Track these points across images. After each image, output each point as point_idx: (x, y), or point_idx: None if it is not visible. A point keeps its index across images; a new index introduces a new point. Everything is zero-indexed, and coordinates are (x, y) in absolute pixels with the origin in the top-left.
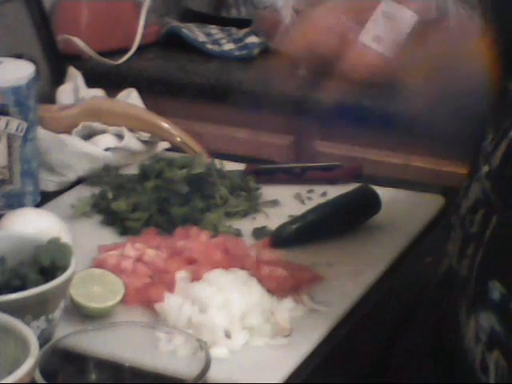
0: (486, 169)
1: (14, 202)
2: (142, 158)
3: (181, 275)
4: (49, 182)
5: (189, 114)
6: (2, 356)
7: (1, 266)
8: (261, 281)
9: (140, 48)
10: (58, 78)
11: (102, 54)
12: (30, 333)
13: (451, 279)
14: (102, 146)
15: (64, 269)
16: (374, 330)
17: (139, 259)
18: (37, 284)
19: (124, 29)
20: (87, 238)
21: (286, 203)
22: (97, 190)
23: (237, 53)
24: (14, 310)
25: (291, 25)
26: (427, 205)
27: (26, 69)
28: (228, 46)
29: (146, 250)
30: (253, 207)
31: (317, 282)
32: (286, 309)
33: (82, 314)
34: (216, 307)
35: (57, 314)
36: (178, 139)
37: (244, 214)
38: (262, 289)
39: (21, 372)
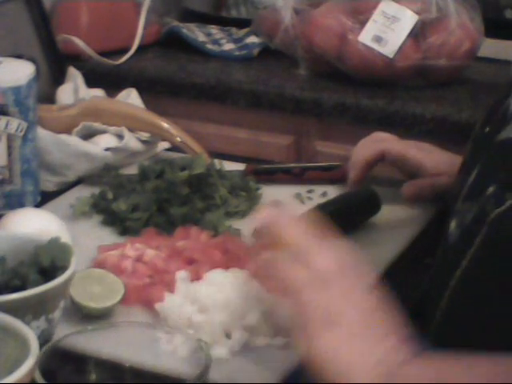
0: (474, 133)
1: (14, 202)
2: (142, 158)
3: (181, 275)
4: (49, 182)
5: (189, 114)
6: (2, 356)
7: (1, 266)
8: None
9: (140, 48)
10: (58, 78)
11: (102, 54)
12: (30, 333)
13: None
14: (102, 146)
15: (64, 269)
16: None
17: (139, 259)
18: (37, 284)
19: (124, 29)
20: (87, 238)
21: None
22: (97, 190)
23: (237, 53)
24: (14, 309)
25: (291, 25)
26: (427, 205)
27: (25, 69)
28: (228, 46)
29: (146, 250)
30: (253, 207)
31: None
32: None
33: (81, 314)
34: (216, 307)
35: (57, 314)
36: (178, 139)
37: (244, 214)
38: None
39: (21, 372)
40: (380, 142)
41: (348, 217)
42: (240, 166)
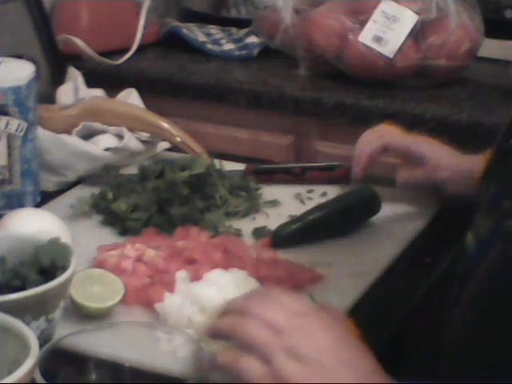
0: (496, 143)
1: (14, 202)
2: (142, 158)
3: (181, 275)
4: (49, 182)
5: (189, 114)
6: (2, 356)
7: (1, 266)
8: (261, 281)
9: (140, 48)
10: (58, 78)
11: (102, 54)
12: (30, 333)
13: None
14: (102, 146)
15: (64, 269)
16: (374, 330)
17: (139, 259)
18: (37, 284)
19: (124, 29)
20: (87, 238)
21: (286, 203)
22: (97, 190)
23: (237, 53)
24: (14, 309)
25: (291, 25)
26: (427, 205)
27: (26, 69)
28: (228, 46)
29: (146, 250)
30: (253, 207)
31: (317, 282)
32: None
33: (81, 314)
34: (216, 307)
35: (57, 314)
36: (178, 139)
37: (244, 214)
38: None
39: (21, 372)
40: (383, 135)
41: (348, 217)
42: (240, 166)
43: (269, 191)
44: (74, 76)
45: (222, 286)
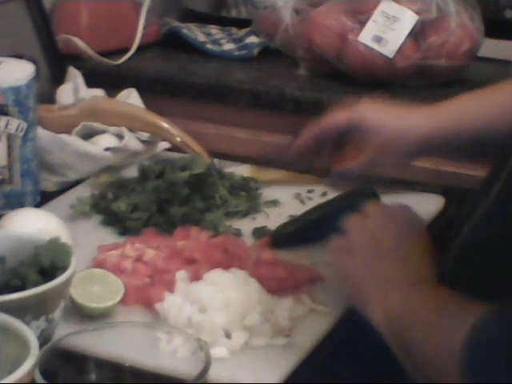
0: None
1: (14, 202)
2: (142, 158)
3: (181, 275)
4: (49, 182)
5: (189, 114)
6: (2, 356)
7: (1, 266)
8: (261, 281)
9: (140, 48)
10: (58, 78)
11: (102, 54)
12: (30, 333)
13: None
14: (102, 146)
15: (64, 269)
16: (373, 329)
17: (139, 259)
18: (37, 284)
19: (124, 29)
20: (87, 238)
21: (286, 203)
22: (97, 190)
23: (237, 53)
24: (14, 309)
25: (291, 25)
26: (427, 205)
27: (26, 69)
28: (228, 46)
29: (146, 250)
30: (253, 207)
31: (317, 282)
32: (285, 309)
33: (82, 314)
34: (216, 307)
35: (57, 314)
36: (178, 139)
37: (244, 214)
38: (261, 289)
39: (21, 372)
40: (357, 109)
41: (348, 217)
42: (240, 166)
43: (269, 191)
44: (74, 76)
45: (222, 286)
